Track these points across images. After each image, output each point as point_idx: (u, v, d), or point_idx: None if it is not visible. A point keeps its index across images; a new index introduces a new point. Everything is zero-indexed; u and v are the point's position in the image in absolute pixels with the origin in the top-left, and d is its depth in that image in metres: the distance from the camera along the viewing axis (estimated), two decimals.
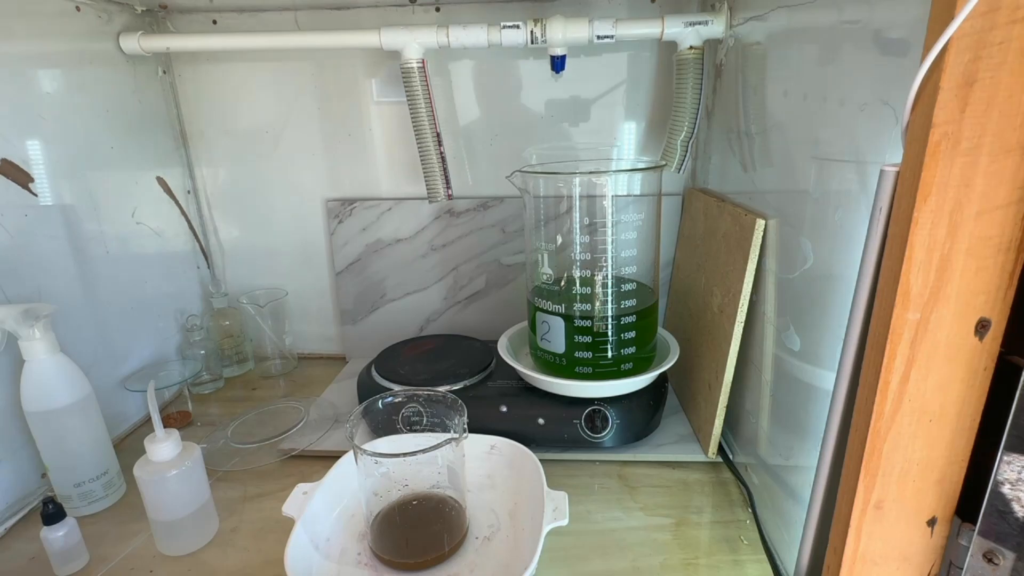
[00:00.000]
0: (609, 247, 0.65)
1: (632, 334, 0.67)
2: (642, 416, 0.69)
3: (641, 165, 0.77)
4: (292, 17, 0.84)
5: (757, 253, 0.59)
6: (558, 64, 0.77)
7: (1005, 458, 0.33)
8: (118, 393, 0.77)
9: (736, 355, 0.62)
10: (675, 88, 0.76)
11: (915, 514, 0.36)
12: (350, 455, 0.59)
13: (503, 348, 0.74)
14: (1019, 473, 0.33)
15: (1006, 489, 0.34)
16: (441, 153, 0.80)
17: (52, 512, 0.54)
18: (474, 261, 0.92)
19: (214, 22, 0.84)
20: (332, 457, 0.61)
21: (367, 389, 0.75)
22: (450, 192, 0.82)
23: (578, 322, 0.66)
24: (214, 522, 0.60)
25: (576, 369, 0.67)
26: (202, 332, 0.88)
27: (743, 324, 0.61)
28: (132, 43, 0.77)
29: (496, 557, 0.53)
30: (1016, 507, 0.34)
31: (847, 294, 0.37)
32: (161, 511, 0.56)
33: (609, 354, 0.67)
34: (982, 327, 0.32)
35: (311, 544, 0.52)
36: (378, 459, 0.52)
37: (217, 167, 0.92)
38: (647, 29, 0.73)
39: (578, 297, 0.66)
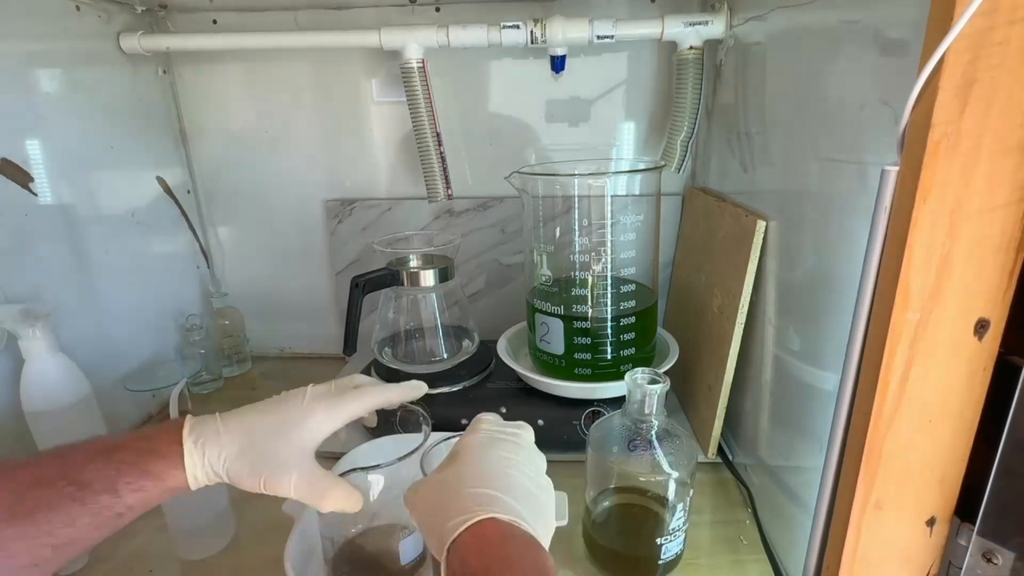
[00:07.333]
0: (608, 248, 0.65)
1: (631, 335, 0.66)
2: None
3: (641, 165, 0.77)
4: (292, 17, 0.84)
5: (758, 255, 0.59)
6: (558, 64, 0.77)
7: (1003, 458, 0.33)
8: (118, 393, 0.77)
9: (736, 356, 0.62)
10: (675, 88, 0.76)
11: (915, 514, 0.37)
12: (351, 455, 0.58)
13: (502, 349, 0.74)
14: (1010, 470, 0.33)
15: (1005, 489, 0.34)
16: (441, 153, 0.80)
17: None
18: (473, 261, 0.92)
19: (214, 22, 0.84)
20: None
21: None
22: (450, 192, 0.82)
23: (577, 323, 0.66)
24: (231, 525, 0.60)
25: (575, 370, 0.67)
26: (202, 332, 0.87)
27: (743, 325, 0.61)
28: (132, 43, 0.77)
29: None
30: (1015, 507, 0.34)
31: (847, 294, 0.37)
32: (181, 519, 0.56)
33: (608, 355, 0.66)
34: (982, 327, 0.32)
35: (311, 543, 0.52)
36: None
37: (217, 167, 0.92)
38: (647, 29, 0.73)
39: (577, 298, 0.66)
